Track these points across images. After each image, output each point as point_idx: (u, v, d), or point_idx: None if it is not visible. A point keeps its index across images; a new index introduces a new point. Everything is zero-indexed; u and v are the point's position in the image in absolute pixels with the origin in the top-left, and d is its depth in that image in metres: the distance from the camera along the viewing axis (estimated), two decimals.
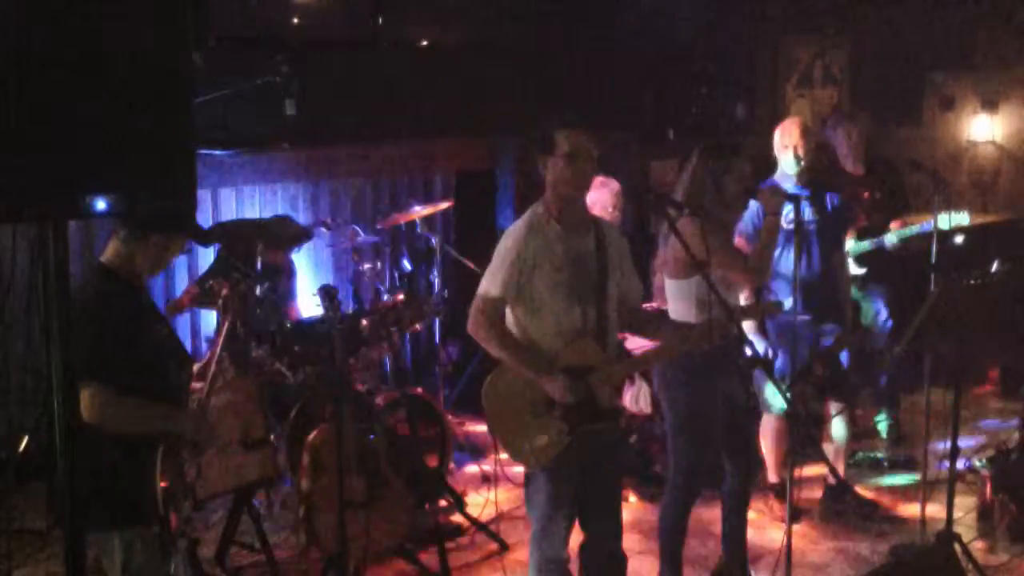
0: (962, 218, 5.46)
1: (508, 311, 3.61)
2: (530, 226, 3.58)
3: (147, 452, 3.13)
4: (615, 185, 5.24)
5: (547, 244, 3.55)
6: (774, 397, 5.00)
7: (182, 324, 5.99)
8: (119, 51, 2.08)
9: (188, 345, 5.67)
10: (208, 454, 3.43)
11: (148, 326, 3.27)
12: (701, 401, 4.13)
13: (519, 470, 5.56)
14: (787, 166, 5.04)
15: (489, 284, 3.58)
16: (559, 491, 3.61)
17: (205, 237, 3.88)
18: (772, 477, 5.34)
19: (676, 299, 4.18)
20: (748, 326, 4.76)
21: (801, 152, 4.98)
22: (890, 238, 5.72)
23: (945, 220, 5.28)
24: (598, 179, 5.21)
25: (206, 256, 6.02)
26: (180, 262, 6.02)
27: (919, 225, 5.53)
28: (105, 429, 3.04)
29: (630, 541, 3.88)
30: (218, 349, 3.68)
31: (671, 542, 4.31)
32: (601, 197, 5.13)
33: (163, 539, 3.18)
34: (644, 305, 4.17)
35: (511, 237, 3.58)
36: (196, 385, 3.70)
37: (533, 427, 3.56)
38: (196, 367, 4.04)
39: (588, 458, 3.63)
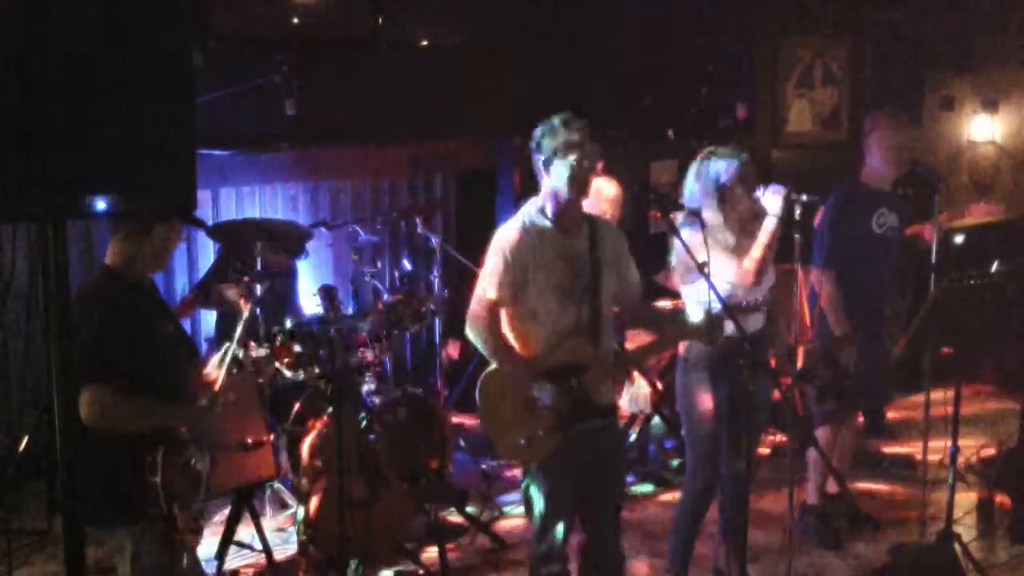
0: (1000, 210, 5.39)
1: (504, 311, 3.61)
2: (522, 226, 3.58)
3: (148, 448, 3.13)
4: (614, 188, 5.23)
5: (540, 244, 3.55)
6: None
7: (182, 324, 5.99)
8: (119, 51, 2.08)
9: None
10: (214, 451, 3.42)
11: (153, 324, 3.27)
12: (708, 402, 4.12)
13: (519, 470, 5.59)
14: (887, 166, 4.83)
15: (485, 286, 3.58)
16: (556, 490, 3.61)
17: (204, 224, 3.85)
18: (812, 498, 5.10)
19: (689, 301, 4.16)
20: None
21: (903, 149, 4.78)
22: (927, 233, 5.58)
23: (979, 212, 5.23)
24: (597, 181, 5.21)
25: (206, 256, 6.02)
26: (180, 262, 6.03)
27: (955, 221, 5.38)
28: (104, 429, 3.04)
29: (630, 541, 3.88)
30: (233, 345, 3.68)
31: (682, 539, 4.30)
32: (599, 201, 5.12)
33: (170, 535, 3.18)
34: (649, 302, 4.16)
35: (504, 238, 3.58)
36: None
37: (526, 423, 3.56)
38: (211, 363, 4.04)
39: (586, 457, 3.63)
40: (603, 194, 5.14)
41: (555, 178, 3.55)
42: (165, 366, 3.25)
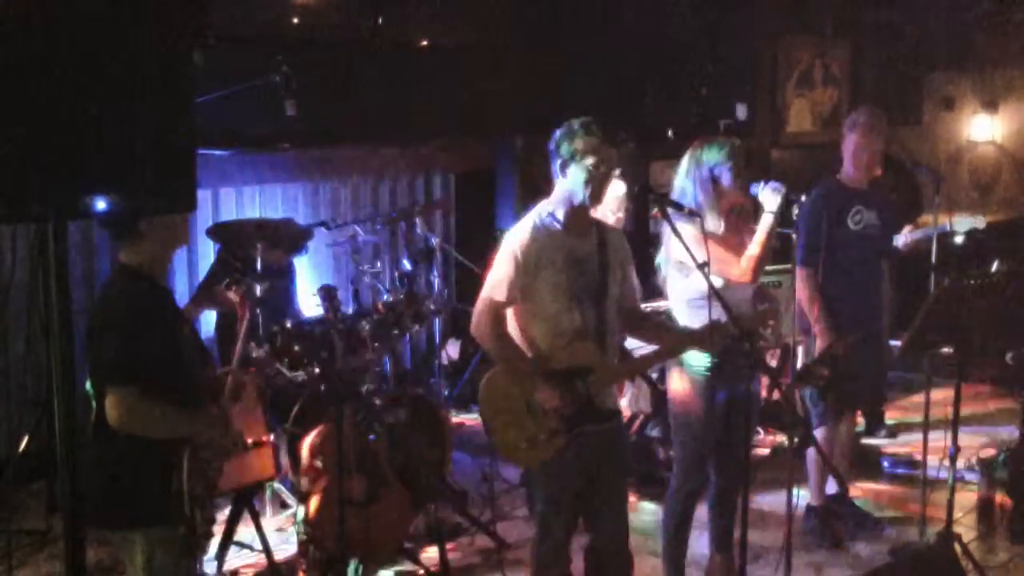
0: (979, 223, 5.43)
1: (509, 312, 3.61)
2: (533, 227, 3.58)
3: (173, 453, 3.12)
4: (620, 187, 5.23)
5: (549, 246, 3.55)
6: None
7: None
8: (119, 51, 2.08)
9: None
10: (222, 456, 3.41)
11: (174, 326, 3.26)
12: (698, 403, 4.12)
13: (519, 470, 5.57)
14: (856, 166, 4.92)
15: (494, 286, 3.57)
16: (559, 492, 3.61)
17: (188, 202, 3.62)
18: (814, 500, 5.13)
19: (678, 300, 4.18)
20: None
21: (873, 153, 4.87)
22: (903, 238, 5.64)
23: (962, 224, 5.25)
24: None
25: (206, 256, 6.02)
26: (180, 262, 6.02)
27: (934, 228, 5.42)
28: (129, 433, 3.04)
29: (630, 541, 3.87)
30: (239, 351, 3.67)
31: (674, 543, 4.30)
32: (607, 199, 5.11)
33: (188, 539, 3.17)
34: (646, 305, 4.17)
35: (515, 239, 3.58)
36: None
37: (529, 425, 3.55)
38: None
39: (589, 459, 3.62)
40: (612, 194, 5.14)
41: (571, 182, 3.54)
42: (185, 369, 3.24)
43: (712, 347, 3.75)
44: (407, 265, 6.04)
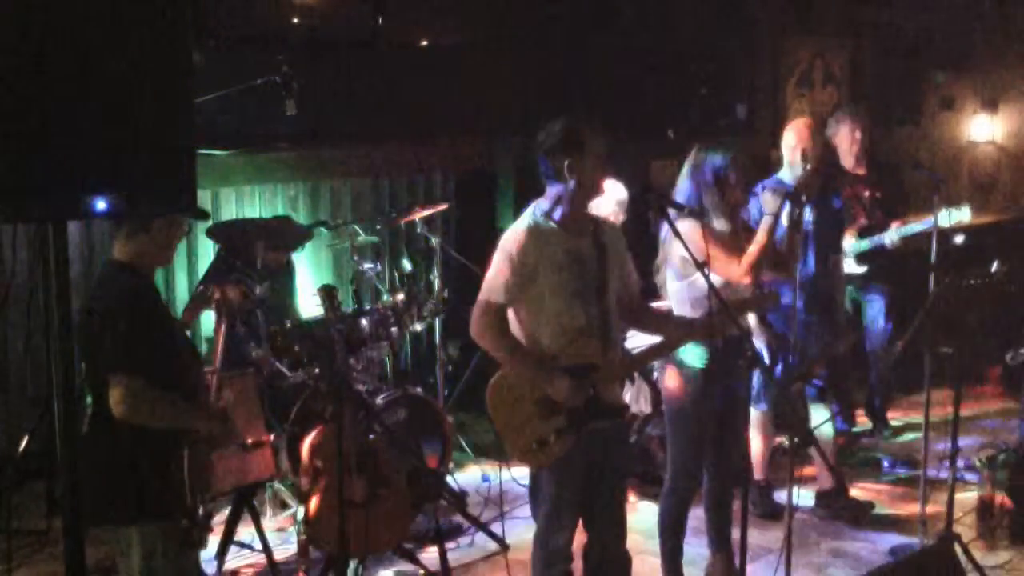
0: (963, 214, 5.47)
1: (510, 312, 3.60)
2: (530, 227, 3.57)
3: (173, 446, 3.12)
4: (620, 190, 5.23)
5: (548, 244, 3.54)
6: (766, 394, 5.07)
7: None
8: (119, 51, 2.08)
9: None
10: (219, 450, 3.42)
11: (168, 321, 3.26)
12: (698, 400, 4.13)
13: (519, 471, 5.58)
14: (794, 166, 5.08)
15: (492, 287, 3.56)
16: (564, 490, 3.61)
17: (204, 213, 3.73)
18: (758, 474, 5.31)
19: (679, 301, 4.19)
20: (750, 318, 4.76)
21: (809, 153, 5.00)
22: (890, 235, 5.74)
23: (946, 216, 5.29)
24: (607, 183, 5.20)
25: (206, 256, 6.01)
26: (180, 262, 6.02)
27: (920, 223, 5.53)
28: (134, 423, 3.03)
29: (630, 541, 3.87)
30: (219, 352, 3.66)
31: (671, 541, 4.31)
32: (606, 202, 5.11)
33: (191, 531, 3.17)
34: (649, 304, 4.18)
35: (511, 239, 3.57)
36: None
37: (538, 426, 3.55)
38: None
39: (593, 457, 3.63)
40: (612, 196, 5.14)
41: (580, 178, 3.52)
42: (179, 366, 3.24)
43: (715, 339, 3.76)
44: (407, 265, 6.03)
